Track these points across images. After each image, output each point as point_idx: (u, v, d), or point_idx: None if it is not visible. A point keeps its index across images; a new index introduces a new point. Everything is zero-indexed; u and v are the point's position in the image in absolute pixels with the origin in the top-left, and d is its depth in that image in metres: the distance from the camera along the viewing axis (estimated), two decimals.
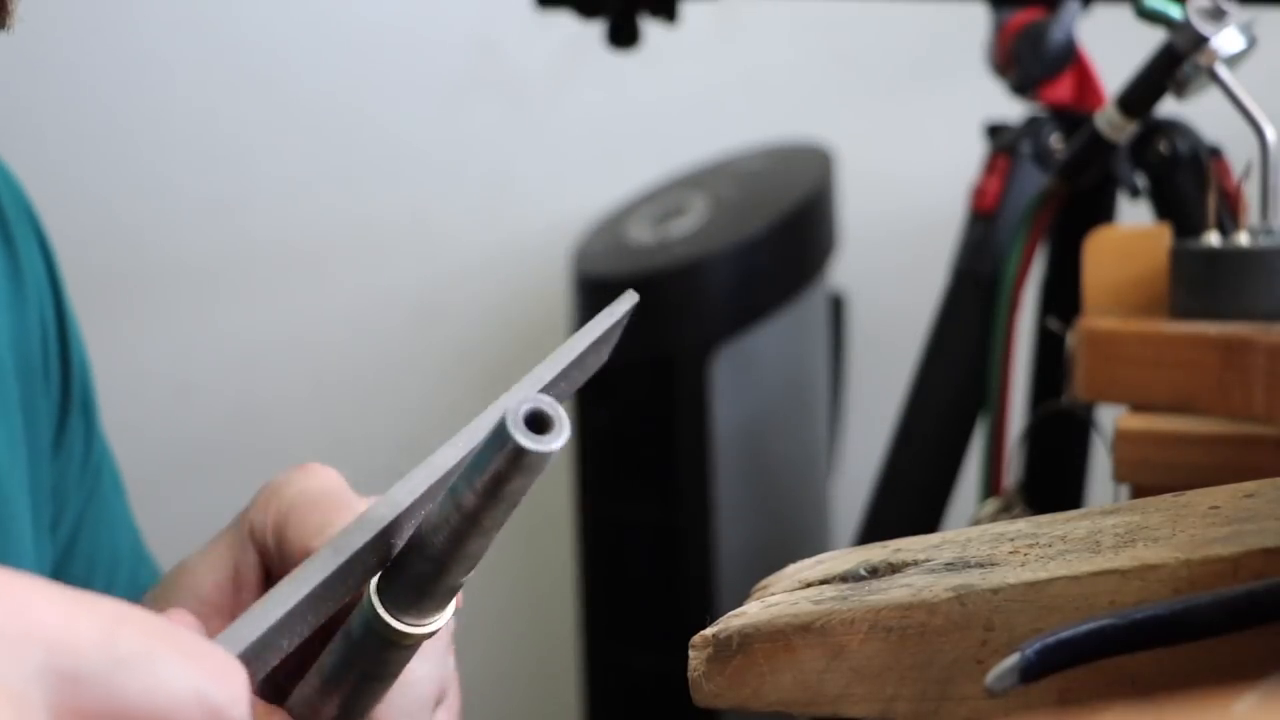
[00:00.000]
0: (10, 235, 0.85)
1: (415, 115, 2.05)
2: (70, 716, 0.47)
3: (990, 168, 1.30)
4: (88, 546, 0.88)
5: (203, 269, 2.03)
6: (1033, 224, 1.15)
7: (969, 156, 1.35)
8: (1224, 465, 0.87)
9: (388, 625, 0.57)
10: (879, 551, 0.58)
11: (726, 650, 0.56)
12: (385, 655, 0.58)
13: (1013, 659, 0.49)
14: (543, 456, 0.50)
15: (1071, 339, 0.98)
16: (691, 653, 0.56)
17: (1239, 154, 1.02)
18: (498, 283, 2.05)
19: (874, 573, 0.58)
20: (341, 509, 0.66)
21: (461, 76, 2.03)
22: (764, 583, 0.60)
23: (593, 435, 1.73)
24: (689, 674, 0.56)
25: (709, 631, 0.57)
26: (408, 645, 0.58)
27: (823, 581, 0.58)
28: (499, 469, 0.51)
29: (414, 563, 0.56)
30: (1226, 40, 0.99)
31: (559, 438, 0.50)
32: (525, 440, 0.50)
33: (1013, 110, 1.32)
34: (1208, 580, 0.52)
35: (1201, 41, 0.99)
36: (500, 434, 0.50)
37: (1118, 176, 1.19)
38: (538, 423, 0.50)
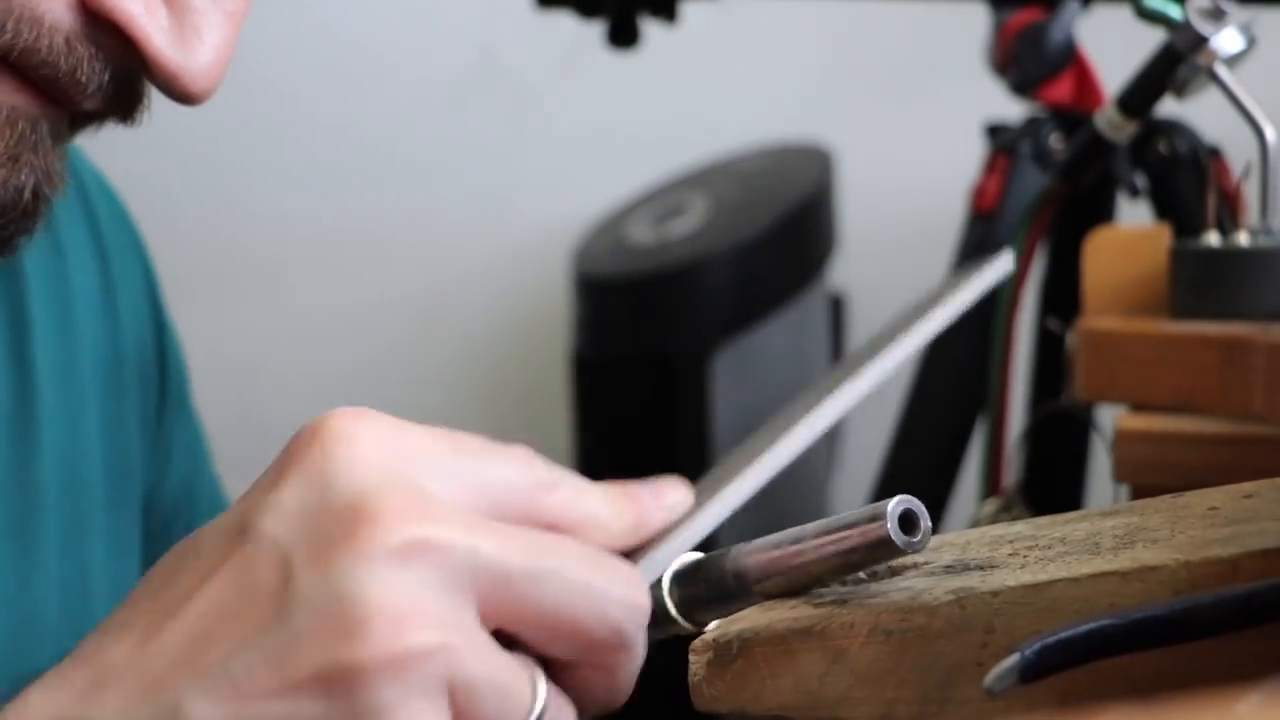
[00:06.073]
0: (105, 249, 0.88)
1: (416, 116, 2.04)
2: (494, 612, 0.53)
3: (990, 168, 1.30)
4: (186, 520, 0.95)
5: (203, 271, 2.03)
6: (1033, 224, 1.15)
7: (969, 156, 1.35)
8: (1224, 465, 0.87)
9: (668, 610, 0.59)
10: None
11: (726, 654, 0.56)
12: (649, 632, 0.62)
13: (1012, 659, 0.49)
14: (900, 551, 0.55)
15: (1071, 339, 0.97)
16: (691, 657, 0.57)
17: (1239, 154, 1.02)
18: (498, 283, 2.05)
19: (873, 575, 0.58)
20: None
21: (462, 77, 2.03)
22: None
23: (593, 435, 1.73)
24: (689, 678, 0.56)
25: (709, 635, 0.57)
26: (672, 633, 0.61)
27: None
28: (856, 544, 0.56)
29: (722, 574, 0.59)
30: (1226, 40, 0.99)
31: (923, 542, 0.55)
32: (895, 535, 0.55)
33: (1013, 110, 1.32)
34: (1207, 582, 0.52)
35: (1201, 41, 0.99)
36: (874, 518, 0.55)
37: (1118, 176, 1.18)
38: (907, 521, 0.55)
